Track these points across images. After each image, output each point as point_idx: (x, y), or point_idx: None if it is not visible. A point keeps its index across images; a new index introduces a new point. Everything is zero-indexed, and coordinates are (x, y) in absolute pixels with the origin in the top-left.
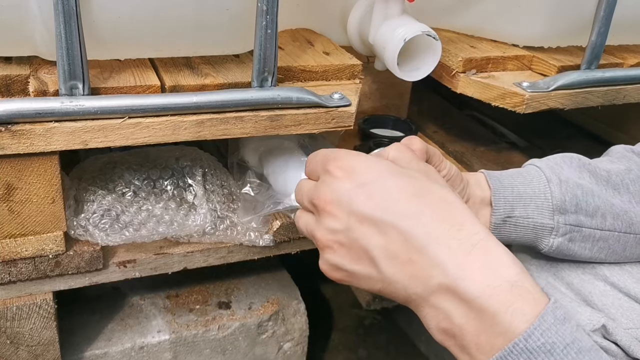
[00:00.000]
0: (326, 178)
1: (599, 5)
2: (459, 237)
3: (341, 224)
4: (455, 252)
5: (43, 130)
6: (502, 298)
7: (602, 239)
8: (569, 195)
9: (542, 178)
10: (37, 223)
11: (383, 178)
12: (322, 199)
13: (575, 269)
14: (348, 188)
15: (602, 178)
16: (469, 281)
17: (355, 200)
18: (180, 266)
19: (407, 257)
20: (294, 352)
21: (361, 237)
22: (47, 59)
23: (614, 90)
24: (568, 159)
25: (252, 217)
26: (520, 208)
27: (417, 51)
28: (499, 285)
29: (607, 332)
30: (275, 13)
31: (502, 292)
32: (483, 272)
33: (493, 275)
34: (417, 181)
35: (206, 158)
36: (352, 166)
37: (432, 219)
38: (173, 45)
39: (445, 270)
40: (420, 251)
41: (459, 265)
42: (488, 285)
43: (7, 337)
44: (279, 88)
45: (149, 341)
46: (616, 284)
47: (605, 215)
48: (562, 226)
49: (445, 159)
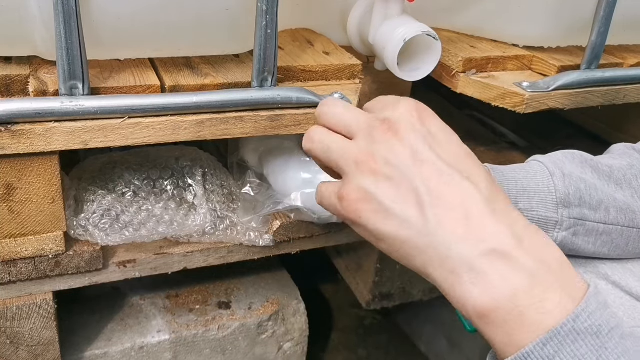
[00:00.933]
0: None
1: (599, 5)
2: (513, 216)
3: (400, 157)
4: (513, 227)
5: (43, 130)
6: (554, 275)
7: (606, 232)
8: (573, 188)
9: (545, 172)
10: (37, 223)
11: (457, 142)
12: (392, 123)
13: (577, 268)
14: (419, 129)
15: (605, 173)
16: (524, 252)
17: (424, 142)
18: (180, 266)
19: (464, 214)
20: (294, 352)
21: (417, 177)
22: (47, 59)
23: (614, 90)
24: (570, 155)
25: (252, 217)
26: (525, 201)
27: (417, 51)
28: (550, 263)
29: None
30: (275, 13)
31: (554, 270)
32: (536, 248)
33: (545, 254)
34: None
35: (206, 158)
36: (427, 115)
37: (495, 191)
38: (173, 45)
39: (502, 237)
40: (481, 214)
41: (516, 236)
42: (541, 260)
43: (7, 337)
44: (279, 88)
45: (149, 341)
46: (618, 282)
47: (609, 208)
48: (566, 220)
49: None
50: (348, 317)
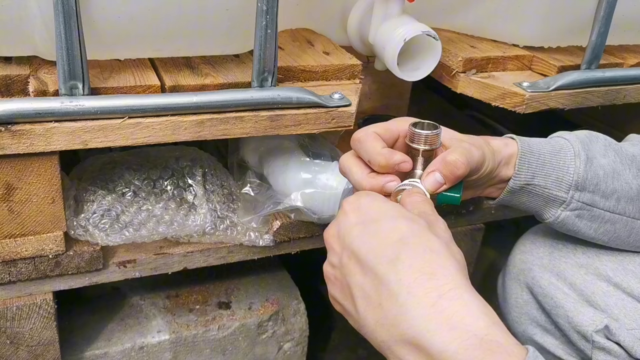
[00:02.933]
0: (339, 213)
1: (599, 5)
2: (426, 286)
3: (337, 258)
4: (421, 302)
5: (43, 130)
6: (470, 354)
7: (611, 221)
8: (592, 173)
9: (570, 151)
10: (37, 223)
11: (382, 219)
12: (329, 232)
13: (578, 269)
14: (350, 224)
15: (627, 157)
16: (433, 334)
17: (350, 235)
18: (180, 266)
19: (378, 301)
20: (294, 352)
21: (348, 274)
22: (47, 59)
23: (614, 90)
24: (595, 137)
25: (252, 217)
26: (540, 177)
27: (417, 51)
28: (466, 340)
29: (610, 332)
30: (275, 13)
31: (470, 347)
32: (449, 324)
33: (460, 329)
34: (414, 227)
35: (206, 158)
36: (360, 204)
37: (407, 266)
38: (173, 45)
39: (410, 321)
40: (390, 298)
41: (424, 316)
42: (454, 339)
43: (7, 337)
44: (279, 88)
45: (149, 341)
46: (619, 284)
47: (620, 198)
48: (574, 201)
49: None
50: None
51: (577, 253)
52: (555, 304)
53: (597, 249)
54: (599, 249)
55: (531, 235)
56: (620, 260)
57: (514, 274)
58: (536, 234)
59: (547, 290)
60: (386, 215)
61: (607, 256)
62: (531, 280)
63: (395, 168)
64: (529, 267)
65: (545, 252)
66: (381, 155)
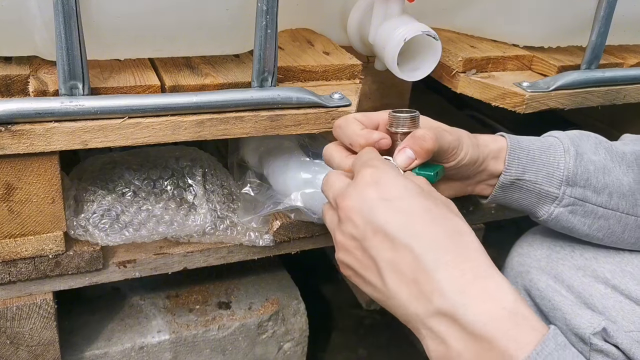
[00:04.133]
0: (357, 181)
1: (599, 5)
2: (462, 267)
3: (358, 231)
4: (458, 280)
5: (43, 130)
6: (499, 324)
7: (604, 217)
8: (582, 168)
9: (559, 147)
10: (37, 223)
11: (409, 197)
12: (347, 203)
13: (576, 271)
14: (372, 198)
15: (618, 154)
16: (467, 307)
17: (375, 211)
18: (180, 266)
19: (412, 276)
20: (294, 352)
21: (372, 247)
22: (47, 59)
23: (614, 90)
24: (585, 135)
25: (252, 217)
26: (531, 173)
27: (417, 51)
28: (496, 312)
29: (608, 335)
30: (275, 13)
31: (500, 318)
32: (481, 299)
33: (491, 303)
34: (439, 208)
35: (206, 158)
36: (382, 179)
37: (443, 247)
38: (173, 45)
39: (446, 295)
40: (427, 274)
41: (460, 292)
42: (485, 311)
43: (7, 337)
44: (279, 88)
45: (149, 341)
46: (617, 286)
47: (612, 194)
48: (566, 197)
49: (461, 146)
50: (348, 317)
51: (574, 255)
52: (552, 307)
53: (595, 251)
54: (596, 250)
55: (529, 238)
56: (618, 262)
57: (511, 277)
58: (534, 236)
59: (544, 293)
60: (410, 193)
61: (604, 258)
62: (529, 282)
63: (375, 146)
64: (527, 269)
65: (543, 255)
66: (360, 136)
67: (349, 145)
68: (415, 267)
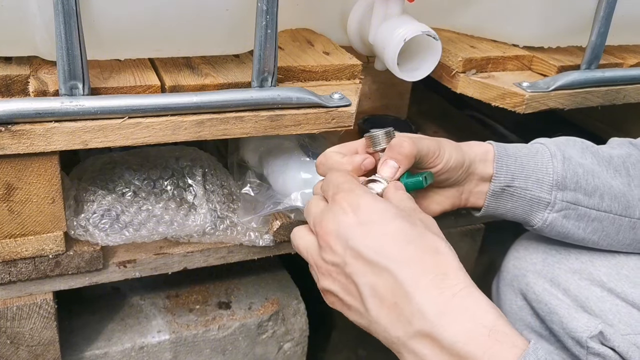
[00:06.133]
0: (333, 207)
1: (599, 5)
2: (441, 286)
3: (339, 257)
4: (437, 300)
5: (43, 130)
6: (479, 343)
7: (597, 219)
8: (570, 172)
9: (546, 153)
10: (37, 223)
11: (385, 220)
12: (325, 229)
13: (572, 274)
14: (350, 223)
15: (604, 159)
16: (447, 327)
17: (353, 236)
18: (180, 266)
19: (392, 300)
20: (294, 352)
21: (354, 273)
22: (47, 59)
23: (614, 90)
24: (572, 141)
25: (252, 217)
26: (521, 179)
27: (417, 51)
28: (476, 331)
29: (605, 338)
30: (275, 13)
31: (480, 337)
32: (461, 318)
33: (471, 321)
34: (415, 228)
35: (206, 158)
36: (359, 203)
37: (421, 268)
38: (173, 45)
39: (426, 317)
40: (406, 296)
41: (439, 312)
42: (466, 331)
43: (7, 337)
44: (279, 88)
45: (149, 341)
46: (613, 289)
47: (603, 196)
48: (558, 202)
49: (442, 149)
50: None
51: (570, 258)
52: (549, 310)
53: (591, 254)
54: (592, 254)
55: (524, 241)
56: (613, 264)
57: (507, 280)
58: (529, 240)
59: (541, 296)
60: (386, 216)
61: (600, 261)
62: (525, 286)
63: (362, 168)
64: (523, 273)
65: (539, 258)
66: (344, 164)
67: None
68: (395, 291)
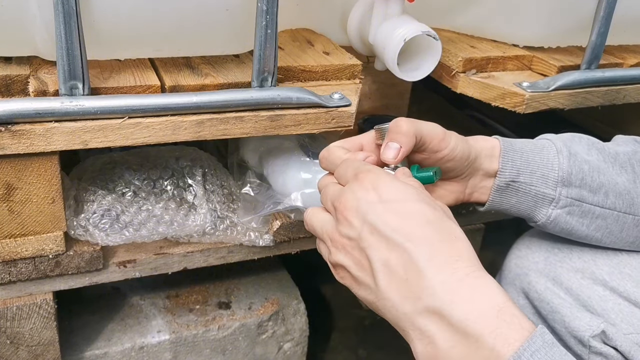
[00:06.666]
0: (354, 185)
1: (599, 5)
2: (454, 267)
3: (355, 231)
4: (449, 279)
5: (43, 130)
6: (486, 322)
7: (601, 216)
8: (576, 168)
9: (552, 149)
10: (37, 223)
11: (407, 200)
12: (344, 204)
13: (574, 273)
14: (371, 200)
15: (610, 155)
16: (456, 305)
17: (372, 212)
18: (180, 266)
19: (404, 276)
20: (294, 352)
21: (368, 247)
22: (47, 59)
23: (614, 90)
24: (578, 137)
25: (252, 217)
26: (526, 175)
27: (417, 51)
28: (485, 311)
29: (607, 337)
30: (275, 13)
31: (488, 317)
32: (471, 298)
33: (480, 302)
34: (436, 212)
35: (206, 158)
36: (381, 183)
37: (437, 248)
38: (173, 45)
39: (435, 293)
40: (418, 273)
41: (450, 290)
42: (474, 310)
43: (7, 337)
44: (279, 88)
45: (149, 341)
46: (616, 288)
47: (608, 193)
48: (563, 198)
49: (448, 135)
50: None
51: (572, 257)
52: (551, 309)
53: (593, 253)
54: (594, 252)
55: (526, 240)
56: (616, 263)
57: (509, 279)
58: (531, 239)
59: (543, 296)
60: (408, 197)
61: (603, 260)
62: (527, 285)
63: None
64: (525, 272)
65: (541, 257)
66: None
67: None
68: (407, 267)
